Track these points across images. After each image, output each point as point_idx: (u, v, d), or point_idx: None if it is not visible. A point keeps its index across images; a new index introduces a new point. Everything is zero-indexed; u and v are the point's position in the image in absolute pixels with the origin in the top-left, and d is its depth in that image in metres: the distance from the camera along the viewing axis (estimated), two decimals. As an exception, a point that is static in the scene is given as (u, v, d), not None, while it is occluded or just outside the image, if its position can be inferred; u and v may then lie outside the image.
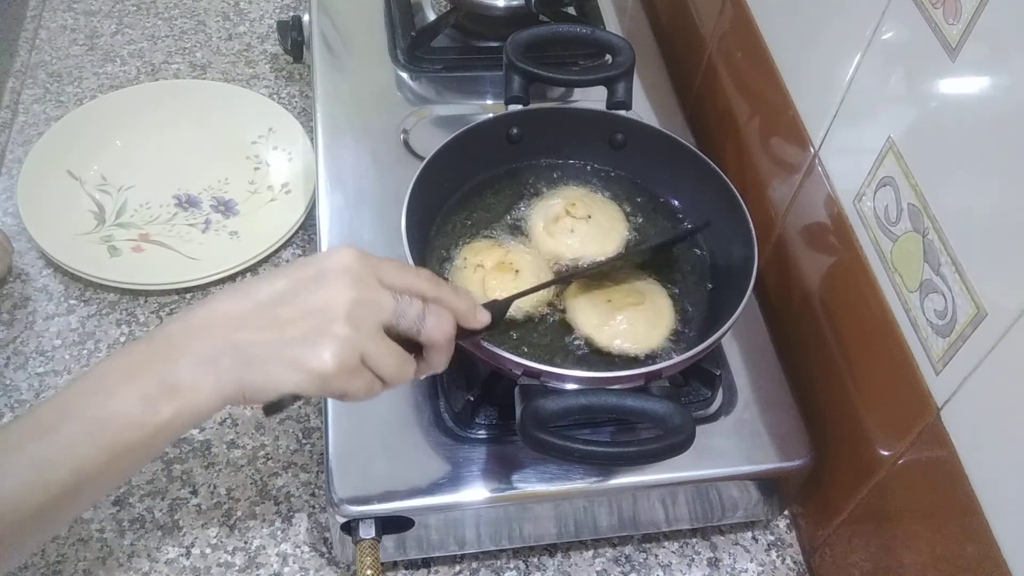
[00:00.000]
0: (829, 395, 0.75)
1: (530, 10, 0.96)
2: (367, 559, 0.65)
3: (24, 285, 0.90)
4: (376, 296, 0.55)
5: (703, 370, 0.73)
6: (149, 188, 0.98)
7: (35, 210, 0.92)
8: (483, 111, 0.94)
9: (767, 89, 0.84)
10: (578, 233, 0.77)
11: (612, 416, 0.71)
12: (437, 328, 0.57)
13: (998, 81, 0.55)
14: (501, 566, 0.76)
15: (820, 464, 0.73)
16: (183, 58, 1.14)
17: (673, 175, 0.81)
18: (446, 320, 0.58)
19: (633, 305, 0.73)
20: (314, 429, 0.82)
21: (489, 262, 0.74)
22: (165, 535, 0.75)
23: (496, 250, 0.76)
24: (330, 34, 1.01)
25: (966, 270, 0.57)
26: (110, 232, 0.94)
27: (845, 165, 0.72)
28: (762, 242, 0.79)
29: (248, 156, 1.03)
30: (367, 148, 0.89)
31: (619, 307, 0.72)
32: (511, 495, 0.69)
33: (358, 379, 0.55)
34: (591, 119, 0.83)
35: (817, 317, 0.77)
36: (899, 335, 0.65)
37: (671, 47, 1.05)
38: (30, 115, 1.05)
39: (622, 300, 0.73)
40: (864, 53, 0.69)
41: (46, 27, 1.15)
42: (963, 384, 0.58)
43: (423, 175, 0.74)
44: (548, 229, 0.78)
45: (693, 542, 0.78)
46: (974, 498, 0.57)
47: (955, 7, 0.58)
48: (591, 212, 0.79)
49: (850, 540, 0.73)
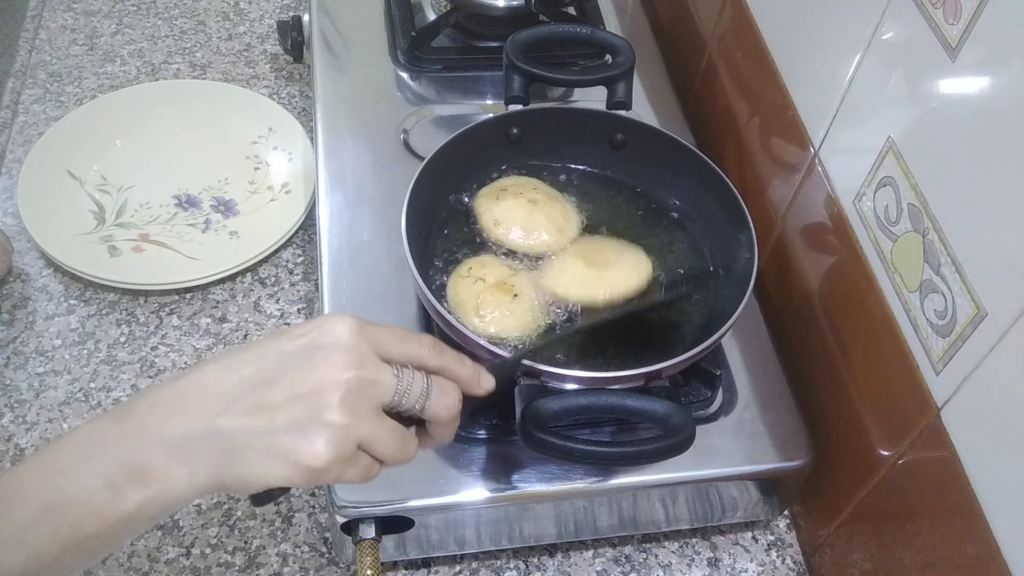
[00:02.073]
0: (829, 395, 0.75)
1: (530, 10, 0.96)
2: (367, 559, 0.65)
3: (24, 285, 0.90)
4: (375, 375, 0.50)
5: (703, 370, 0.73)
6: (149, 188, 0.98)
7: (35, 210, 0.92)
8: (483, 111, 0.94)
9: (767, 89, 0.84)
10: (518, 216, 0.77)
11: (612, 416, 0.71)
12: (442, 405, 0.53)
13: (998, 81, 0.55)
14: (501, 566, 0.76)
15: (820, 464, 0.73)
16: (183, 58, 1.14)
17: (673, 175, 0.81)
18: (452, 395, 0.53)
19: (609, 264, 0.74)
20: (314, 429, 0.82)
21: (491, 278, 0.73)
22: (165, 535, 0.75)
23: (501, 269, 0.74)
24: (330, 34, 1.01)
25: (966, 270, 0.57)
26: (110, 232, 0.94)
27: (845, 165, 0.72)
28: (762, 242, 0.79)
29: (248, 156, 1.03)
30: (367, 148, 0.89)
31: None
32: (511, 495, 0.69)
33: (353, 467, 0.50)
34: (591, 119, 0.83)
35: (817, 317, 0.77)
36: (899, 335, 0.65)
37: (671, 47, 1.05)
38: (30, 115, 1.05)
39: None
40: (864, 53, 0.69)
41: (46, 27, 1.15)
42: (963, 384, 0.58)
43: (423, 175, 0.74)
44: (489, 207, 0.78)
45: (693, 542, 0.78)
46: (974, 498, 0.57)
47: (955, 7, 0.58)
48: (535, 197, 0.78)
49: (850, 540, 0.73)
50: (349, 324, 0.51)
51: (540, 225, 0.77)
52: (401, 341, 0.52)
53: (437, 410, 0.53)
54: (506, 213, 0.77)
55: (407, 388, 0.51)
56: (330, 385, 0.48)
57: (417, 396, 0.52)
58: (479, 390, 0.56)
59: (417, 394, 0.52)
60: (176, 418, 0.47)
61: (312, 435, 0.48)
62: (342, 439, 0.48)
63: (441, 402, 0.53)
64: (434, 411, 0.53)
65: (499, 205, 0.78)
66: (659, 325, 0.74)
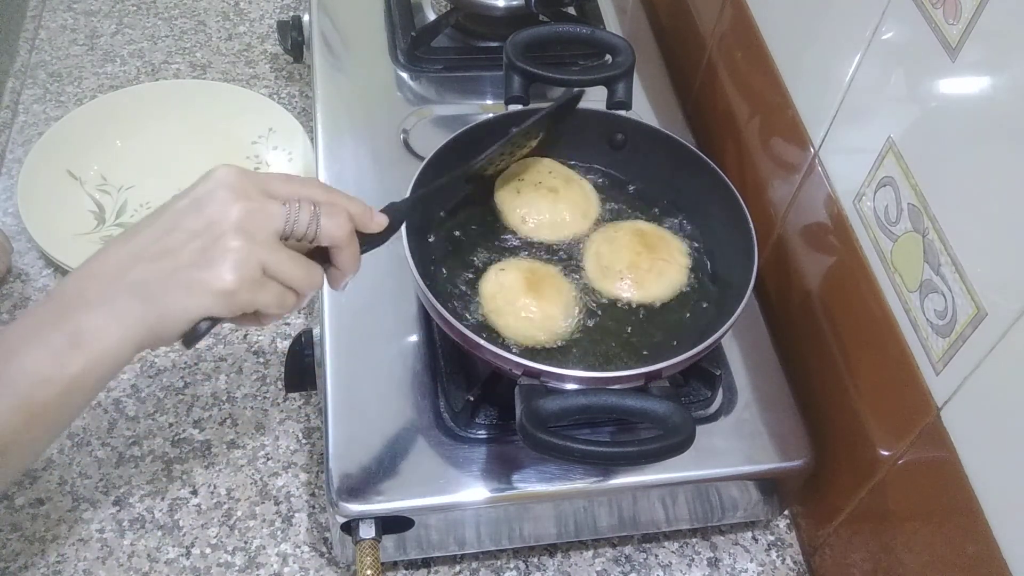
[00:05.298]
0: (829, 395, 0.75)
1: (530, 10, 0.96)
2: (367, 559, 0.65)
3: (24, 285, 0.90)
4: (263, 206, 0.54)
5: (703, 370, 0.73)
6: (149, 188, 0.98)
7: (35, 210, 0.92)
8: (483, 111, 0.94)
9: (767, 89, 0.84)
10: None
11: (612, 416, 0.71)
12: (334, 226, 0.56)
13: (998, 81, 0.55)
14: (501, 566, 0.76)
15: (820, 464, 0.73)
16: (183, 58, 1.14)
17: (673, 175, 0.81)
18: (341, 216, 0.57)
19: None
20: (314, 429, 0.82)
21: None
22: (165, 535, 0.75)
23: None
24: (330, 34, 1.01)
25: (966, 270, 0.57)
26: (110, 232, 0.94)
27: (845, 165, 0.72)
28: (762, 242, 0.79)
29: (248, 156, 1.03)
30: (367, 148, 0.89)
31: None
32: (511, 495, 0.69)
33: (265, 291, 0.54)
34: (591, 119, 0.83)
35: (817, 317, 0.77)
36: (899, 335, 0.65)
37: (671, 47, 1.05)
38: (30, 115, 1.05)
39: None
40: (864, 53, 0.69)
41: (46, 27, 1.15)
42: (963, 384, 0.58)
43: (423, 175, 0.74)
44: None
45: (693, 542, 0.78)
46: (974, 498, 0.57)
47: (955, 7, 0.58)
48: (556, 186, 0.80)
49: (850, 540, 0.73)
50: (232, 169, 0.55)
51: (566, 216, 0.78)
52: (286, 181, 0.57)
53: (331, 231, 0.56)
54: (530, 207, 0.78)
55: (296, 215, 0.55)
56: (223, 218, 0.53)
57: (307, 222, 0.55)
58: (372, 225, 0.60)
59: (307, 220, 0.55)
60: (96, 287, 0.52)
61: (215, 262, 0.52)
62: (243, 261, 0.52)
63: (332, 223, 0.56)
64: (328, 232, 0.56)
65: (521, 199, 0.79)
66: (659, 323, 0.74)
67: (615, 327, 0.73)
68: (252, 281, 0.53)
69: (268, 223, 0.54)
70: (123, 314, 0.51)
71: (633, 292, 0.74)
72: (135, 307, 0.52)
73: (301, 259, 0.56)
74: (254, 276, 0.53)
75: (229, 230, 0.52)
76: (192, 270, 0.52)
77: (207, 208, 0.53)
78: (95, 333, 0.51)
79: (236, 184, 0.54)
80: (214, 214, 0.53)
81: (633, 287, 0.74)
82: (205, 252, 0.52)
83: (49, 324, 0.52)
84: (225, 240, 0.52)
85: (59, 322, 0.51)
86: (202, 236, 0.52)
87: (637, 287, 0.74)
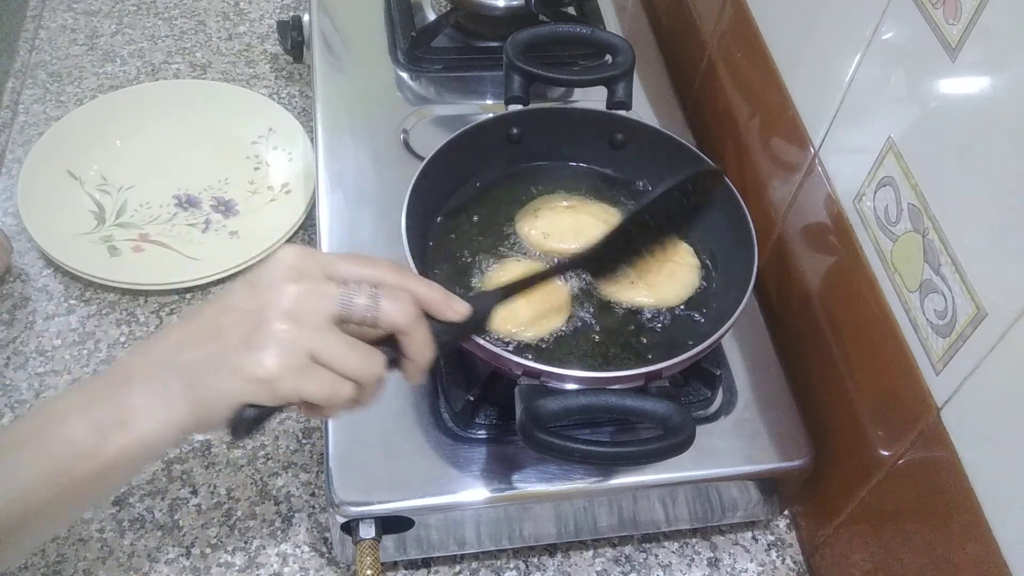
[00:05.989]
0: (829, 395, 0.75)
1: (530, 10, 0.96)
2: (367, 559, 0.65)
3: (24, 285, 0.90)
4: (319, 287, 0.51)
5: (703, 370, 0.74)
6: (149, 188, 0.98)
7: (35, 210, 0.92)
8: (483, 111, 0.94)
9: (767, 89, 0.84)
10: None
11: (612, 416, 0.71)
12: (395, 310, 0.52)
13: (998, 81, 0.55)
14: (501, 566, 0.76)
15: (820, 464, 0.73)
16: (183, 58, 1.14)
17: (673, 175, 0.81)
18: (404, 300, 0.53)
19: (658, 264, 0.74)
20: (314, 429, 0.82)
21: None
22: (165, 535, 0.75)
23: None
24: (330, 34, 1.01)
25: (966, 270, 0.57)
26: (110, 232, 0.94)
27: (845, 165, 0.72)
28: (762, 242, 0.79)
29: (248, 156, 1.03)
30: (367, 148, 0.89)
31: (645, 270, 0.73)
32: (511, 495, 0.69)
33: (313, 380, 0.50)
34: (591, 119, 0.83)
35: (817, 317, 0.77)
36: (899, 335, 0.65)
37: (671, 47, 1.05)
38: (30, 115, 1.05)
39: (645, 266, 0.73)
40: (864, 53, 0.69)
41: (46, 27, 1.15)
42: (963, 384, 0.58)
43: (423, 175, 0.74)
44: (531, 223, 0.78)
45: (693, 542, 0.78)
46: (974, 498, 0.57)
47: (955, 7, 0.58)
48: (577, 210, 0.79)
49: (850, 540, 0.73)
50: (295, 249, 0.52)
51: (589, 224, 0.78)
52: (354, 261, 0.53)
53: (391, 314, 0.52)
54: (551, 224, 0.78)
55: (353, 297, 0.51)
56: (274, 299, 0.50)
57: (364, 304, 0.51)
58: (451, 313, 0.55)
59: (364, 303, 0.51)
60: (149, 364, 0.51)
61: (258, 347, 0.49)
62: (288, 348, 0.49)
63: (394, 306, 0.52)
64: (388, 316, 0.52)
65: (540, 219, 0.78)
66: (659, 323, 0.74)
67: (616, 327, 0.73)
68: (298, 368, 0.49)
69: (321, 305, 0.50)
70: (168, 395, 0.49)
71: (646, 296, 0.74)
72: (180, 389, 0.50)
73: (359, 346, 0.51)
74: (297, 363, 0.49)
75: (277, 315, 0.49)
76: (235, 354, 0.49)
77: (261, 289, 0.51)
78: (140, 412, 0.49)
79: (295, 264, 0.51)
80: (267, 296, 0.50)
81: (646, 291, 0.74)
82: (250, 336, 0.49)
83: (97, 398, 0.50)
84: (271, 324, 0.49)
85: (107, 397, 0.50)
86: (251, 318, 0.50)
87: (649, 290, 0.74)
